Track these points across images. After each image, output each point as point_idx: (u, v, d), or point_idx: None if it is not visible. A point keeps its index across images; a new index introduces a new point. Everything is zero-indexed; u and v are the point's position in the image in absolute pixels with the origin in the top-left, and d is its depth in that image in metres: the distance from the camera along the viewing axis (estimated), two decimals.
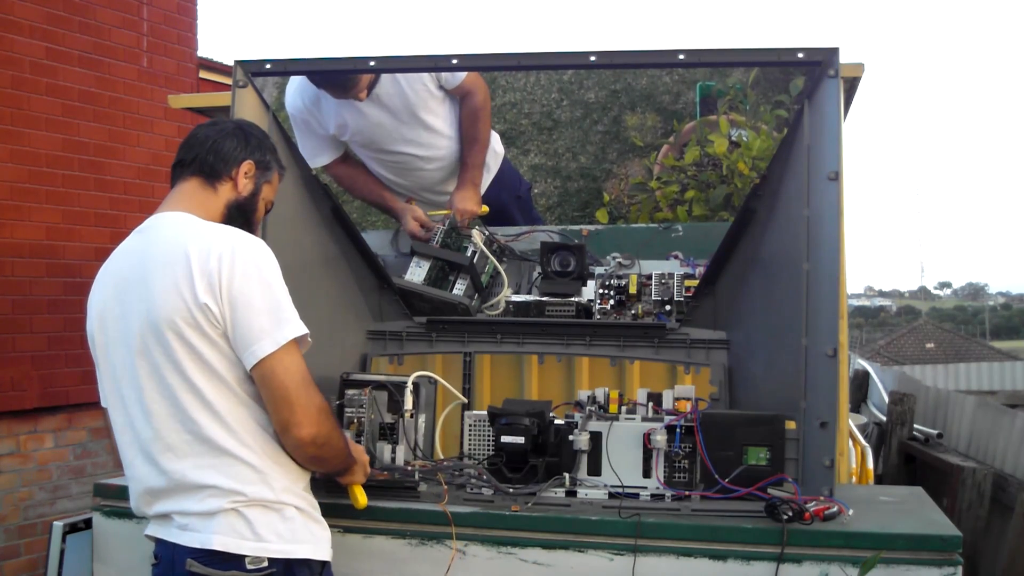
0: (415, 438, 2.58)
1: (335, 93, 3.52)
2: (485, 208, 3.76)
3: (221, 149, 2.19)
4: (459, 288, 3.47)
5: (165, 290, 1.98)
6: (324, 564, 2.09)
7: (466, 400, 3.11)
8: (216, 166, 2.18)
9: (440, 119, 3.71)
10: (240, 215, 2.19)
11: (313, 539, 2.06)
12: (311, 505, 2.11)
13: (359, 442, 2.53)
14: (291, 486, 2.05)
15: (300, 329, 2.00)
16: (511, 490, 2.44)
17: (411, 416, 2.57)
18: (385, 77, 3.52)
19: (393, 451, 2.58)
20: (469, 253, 3.52)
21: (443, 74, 3.59)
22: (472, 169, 3.72)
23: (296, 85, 3.70)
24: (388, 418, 2.59)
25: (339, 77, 3.39)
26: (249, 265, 1.98)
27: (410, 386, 2.56)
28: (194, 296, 1.95)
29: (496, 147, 4.06)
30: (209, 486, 1.98)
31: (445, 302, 3.41)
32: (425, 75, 3.58)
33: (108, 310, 2.08)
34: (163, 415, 2.00)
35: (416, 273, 3.45)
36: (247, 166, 2.21)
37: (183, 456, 1.99)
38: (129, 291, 2.04)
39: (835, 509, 2.25)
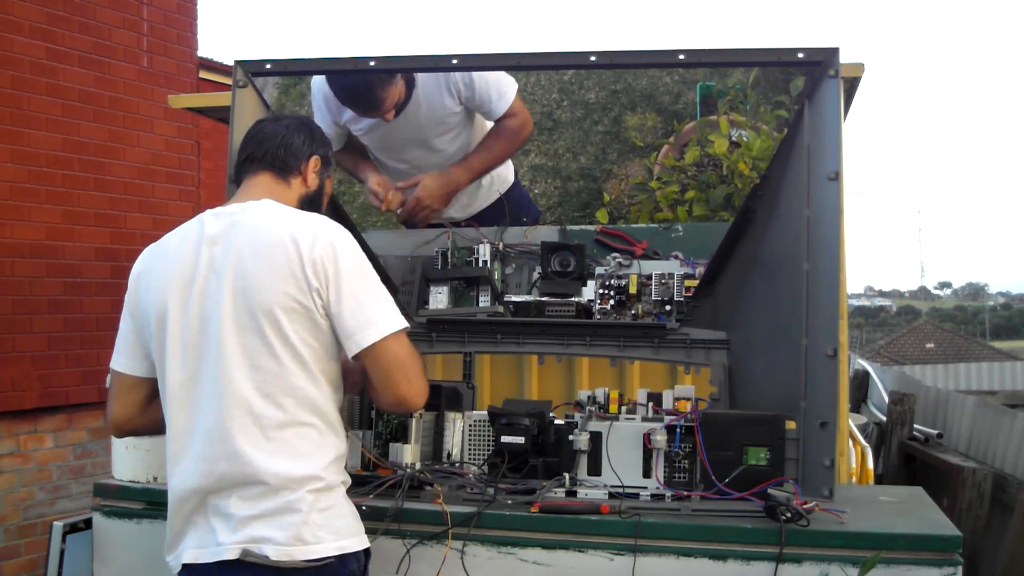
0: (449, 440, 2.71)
1: (362, 113, 3.44)
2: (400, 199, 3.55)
3: (291, 144, 2.22)
4: (484, 300, 3.46)
5: (270, 272, 1.99)
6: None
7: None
8: (288, 161, 2.21)
9: (450, 144, 3.67)
10: (311, 209, 2.20)
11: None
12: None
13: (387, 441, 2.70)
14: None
15: (401, 321, 2.06)
16: (508, 490, 2.44)
17: (419, 417, 2.66)
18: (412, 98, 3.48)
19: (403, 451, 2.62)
20: (480, 264, 3.50)
21: (483, 105, 3.52)
22: (464, 168, 3.57)
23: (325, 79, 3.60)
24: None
25: (367, 96, 3.31)
26: (353, 256, 2.04)
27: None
28: (305, 282, 1.98)
29: (505, 174, 3.98)
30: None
31: (479, 319, 3.37)
32: (447, 103, 3.53)
33: (188, 288, 2.05)
34: (248, 398, 1.99)
35: (439, 300, 3.44)
36: (315, 161, 2.25)
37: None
38: (217, 270, 2.03)
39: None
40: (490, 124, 3.76)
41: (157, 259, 2.13)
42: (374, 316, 2.03)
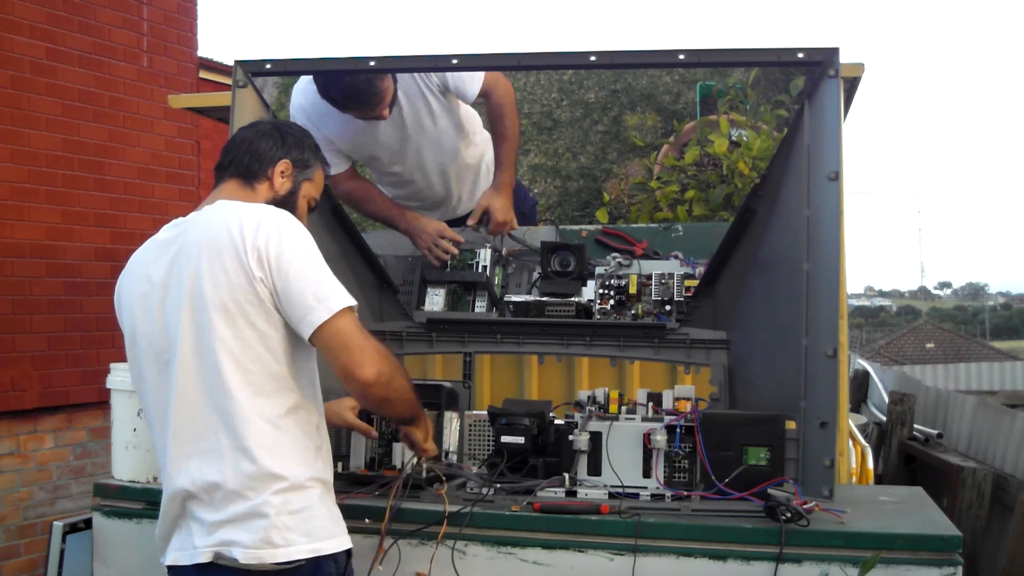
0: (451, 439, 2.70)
1: (361, 113, 3.38)
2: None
3: (257, 150, 2.21)
4: (480, 305, 3.45)
5: (215, 269, 1.99)
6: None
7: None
8: (252, 167, 2.20)
9: (438, 139, 3.65)
10: None
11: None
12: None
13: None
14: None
15: (347, 300, 2.02)
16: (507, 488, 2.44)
17: None
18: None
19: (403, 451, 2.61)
20: (480, 269, 3.49)
21: (454, 91, 3.50)
22: (505, 171, 3.60)
23: (304, 92, 3.54)
24: None
25: (366, 98, 3.26)
26: (295, 242, 2.02)
27: None
28: (247, 273, 1.98)
29: None
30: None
31: (479, 319, 3.36)
32: (426, 92, 3.50)
33: (149, 298, 2.09)
34: (203, 401, 2.01)
35: (435, 302, 3.43)
36: (283, 165, 2.23)
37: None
38: (174, 275, 2.05)
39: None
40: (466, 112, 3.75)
41: (125, 278, 2.18)
42: (322, 295, 1.99)
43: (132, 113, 5.22)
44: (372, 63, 2.74)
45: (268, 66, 2.76)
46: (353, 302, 2.03)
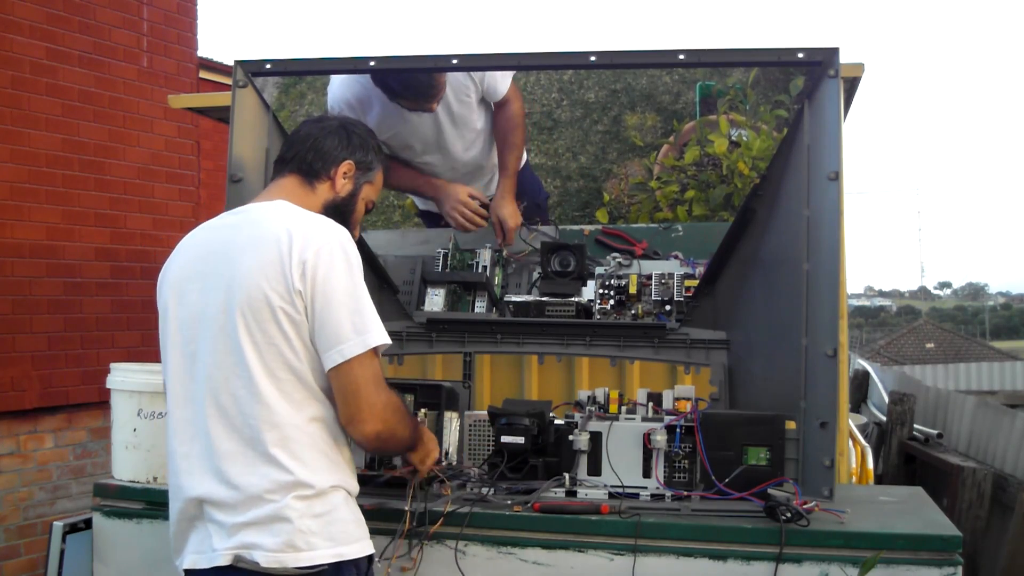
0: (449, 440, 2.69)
1: (414, 104, 3.42)
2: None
3: (322, 148, 2.17)
4: (480, 305, 3.45)
5: (255, 270, 1.95)
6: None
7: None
8: (315, 165, 2.16)
9: (473, 132, 3.69)
10: (336, 215, 2.16)
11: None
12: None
13: None
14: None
15: (383, 338, 1.98)
16: (509, 490, 2.44)
17: (425, 415, 2.66)
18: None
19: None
20: (480, 269, 3.49)
21: (486, 88, 3.56)
22: (510, 177, 3.65)
23: (344, 82, 3.56)
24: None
25: (425, 90, 3.29)
26: (344, 262, 1.98)
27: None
28: (287, 282, 1.93)
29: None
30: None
31: (479, 319, 3.37)
32: (470, 87, 3.54)
33: (188, 283, 2.05)
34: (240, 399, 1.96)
35: (435, 302, 3.43)
36: (346, 166, 2.19)
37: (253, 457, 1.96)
38: (216, 266, 2.01)
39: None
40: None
41: (172, 259, 2.14)
42: (360, 327, 1.95)
43: (132, 113, 5.22)
44: (372, 63, 2.75)
45: (268, 66, 2.76)
46: (388, 340, 2.00)
